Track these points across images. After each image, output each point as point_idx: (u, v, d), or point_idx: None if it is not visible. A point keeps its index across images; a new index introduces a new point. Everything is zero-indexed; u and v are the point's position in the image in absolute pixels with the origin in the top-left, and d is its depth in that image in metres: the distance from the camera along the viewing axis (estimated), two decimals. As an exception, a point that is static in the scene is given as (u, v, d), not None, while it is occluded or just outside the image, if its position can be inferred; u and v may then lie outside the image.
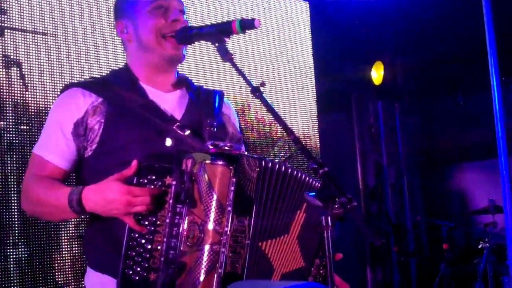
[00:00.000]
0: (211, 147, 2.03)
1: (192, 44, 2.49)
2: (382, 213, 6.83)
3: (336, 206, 1.88)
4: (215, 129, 2.30)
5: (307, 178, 2.20)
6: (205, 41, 2.39)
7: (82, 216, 2.51)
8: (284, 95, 5.68)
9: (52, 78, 4.02)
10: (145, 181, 2.01)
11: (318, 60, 6.11)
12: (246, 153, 2.14)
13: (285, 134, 2.13)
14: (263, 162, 2.05)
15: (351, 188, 6.56)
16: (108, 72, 2.69)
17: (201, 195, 1.96)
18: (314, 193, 1.91)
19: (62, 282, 3.94)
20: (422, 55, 6.77)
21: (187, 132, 2.21)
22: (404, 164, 7.12)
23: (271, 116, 2.12)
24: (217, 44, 2.24)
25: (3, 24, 3.85)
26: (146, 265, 1.99)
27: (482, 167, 6.51)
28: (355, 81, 6.87)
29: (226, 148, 2.03)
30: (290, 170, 2.14)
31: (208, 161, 1.98)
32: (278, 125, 2.17)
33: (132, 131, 2.21)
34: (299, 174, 2.17)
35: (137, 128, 2.22)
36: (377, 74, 6.74)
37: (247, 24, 2.20)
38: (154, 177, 2.01)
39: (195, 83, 2.54)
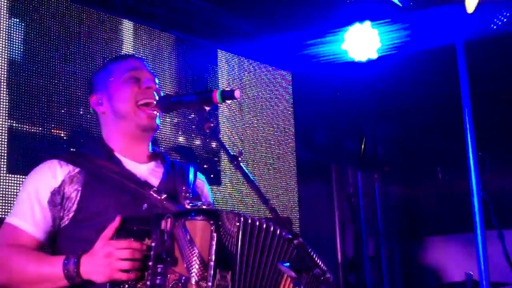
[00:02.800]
0: (188, 206, 2.07)
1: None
2: (360, 285, 6.78)
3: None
4: (191, 196, 2.33)
5: (287, 235, 2.19)
6: (186, 109, 2.44)
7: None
8: (264, 164, 5.72)
9: None
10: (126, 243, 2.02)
11: (299, 130, 6.18)
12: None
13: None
14: (243, 218, 2.05)
15: (330, 259, 6.53)
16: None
17: (183, 252, 1.96)
18: (288, 264, 1.93)
19: None
20: (402, 127, 6.86)
21: (163, 196, 2.23)
22: (383, 235, 7.11)
23: (249, 185, 2.15)
24: (197, 113, 2.29)
25: None
26: None
27: (460, 240, 6.53)
28: (335, 151, 6.92)
29: (204, 206, 2.05)
30: (270, 226, 2.14)
31: (188, 218, 1.99)
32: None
33: (109, 197, 2.24)
34: (279, 230, 2.17)
35: (113, 194, 2.24)
36: (358, 145, 6.80)
37: (227, 95, 2.25)
38: (132, 240, 2.02)
39: (169, 158, 2.60)
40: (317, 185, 6.79)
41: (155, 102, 2.40)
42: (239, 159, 2.16)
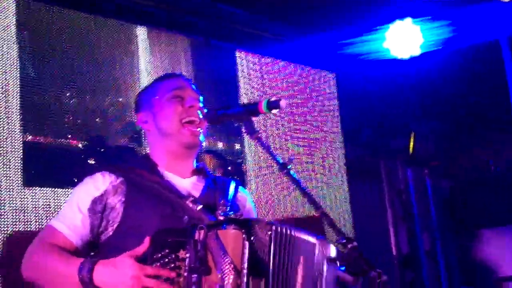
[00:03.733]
0: (221, 217, 2.13)
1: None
2: (417, 282, 6.74)
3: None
4: (228, 209, 2.36)
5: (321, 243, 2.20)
6: (234, 121, 2.48)
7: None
8: (312, 167, 5.74)
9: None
10: (159, 255, 2.04)
11: (347, 129, 6.20)
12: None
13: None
14: (275, 227, 2.05)
15: (385, 256, 6.51)
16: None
17: (216, 261, 1.98)
18: (344, 268, 1.95)
19: None
20: (450, 122, 6.81)
21: (200, 207, 2.29)
22: (437, 230, 7.06)
23: (300, 192, 2.19)
24: (245, 124, 2.33)
25: None
26: None
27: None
28: (384, 149, 6.90)
29: (236, 216, 2.13)
30: (303, 234, 2.14)
31: (220, 228, 2.01)
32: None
33: (150, 208, 2.28)
34: (311, 238, 2.17)
35: (154, 205, 2.29)
36: (407, 141, 6.77)
37: (273, 105, 2.27)
38: (168, 251, 2.03)
39: (212, 173, 2.65)
40: (368, 183, 6.78)
41: (198, 120, 2.46)
42: (288, 166, 2.18)
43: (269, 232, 2.02)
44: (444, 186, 7.20)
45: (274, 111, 2.32)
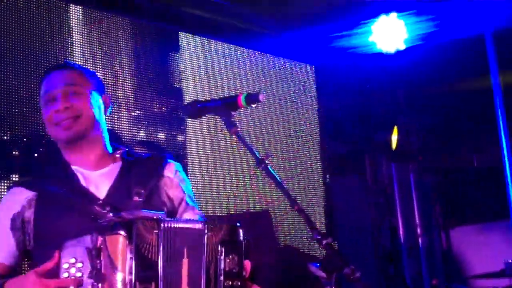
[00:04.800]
0: (116, 216, 2.07)
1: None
2: (399, 277, 6.75)
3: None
4: (144, 198, 2.34)
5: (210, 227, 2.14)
6: (213, 115, 2.47)
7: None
8: (290, 161, 5.72)
9: None
10: (67, 265, 2.02)
11: (330, 124, 6.19)
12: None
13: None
14: (162, 224, 2.02)
15: (367, 251, 6.52)
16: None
17: (106, 268, 1.97)
18: (318, 264, 1.95)
19: None
20: (434, 116, 6.82)
21: (107, 209, 2.26)
22: (420, 226, 7.08)
23: (277, 187, 2.18)
24: (223, 118, 2.32)
25: None
26: None
27: (498, 227, 6.47)
28: (367, 143, 6.91)
29: (130, 216, 2.04)
30: (190, 224, 2.13)
31: (108, 233, 1.99)
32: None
33: (60, 218, 2.29)
34: (204, 228, 2.11)
35: (64, 214, 2.29)
36: (391, 136, 6.77)
37: (252, 99, 2.27)
38: (75, 260, 2.02)
39: (136, 153, 2.63)
40: (351, 178, 6.79)
41: (67, 119, 2.40)
42: (266, 161, 2.17)
43: (156, 231, 2.00)
44: (428, 181, 7.22)
45: (252, 105, 2.32)
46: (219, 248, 2.08)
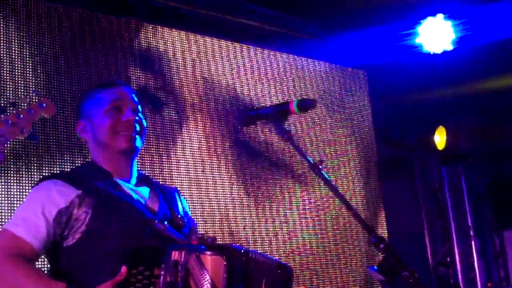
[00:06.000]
0: (194, 239, 2.28)
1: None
2: (452, 281, 6.67)
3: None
4: (185, 222, 2.51)
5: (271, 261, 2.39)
6: (265, 122, 2.50)
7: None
8: (345, 166, 5.72)
9: None
10: (135, 271, 2.10)
11: (379, 127, 6.17)
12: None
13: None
14: (250, 253, 2.26)
15: (419, 256, 6.46)
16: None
17: (197, 283, 2.11)
18: (376, 267, 1.95)
19: None
20: (483, 117, 6.73)
21: (166, 225, 2.36)
22: (473, 229, 6.99)
23: (331, 191, 2.20)
24: (276, 125, 2.34)
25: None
26: None
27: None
28: (417, 146, 6.85)
29: (210, 241, 2.25)
30: (263, 257, 2.35)
31: (201, 253, 2.16)
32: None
33: (116, 222, 2.33)
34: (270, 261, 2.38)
35: (120, 219, 2.34)
36: (440, 139, 6.70)
37: (304, 105, 2.30)
38: (143, 268, 2.10)
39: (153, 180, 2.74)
40: (401, 181, 6.74)
41: (134, 133, 2.52)
42: (320, 167, 2.19)
43: (243, 258, 2.22)
44: (479, 183, 7.12)
45: (305, 111, 2.34)
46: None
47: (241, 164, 4.94)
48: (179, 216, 2.51)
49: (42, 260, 2.55)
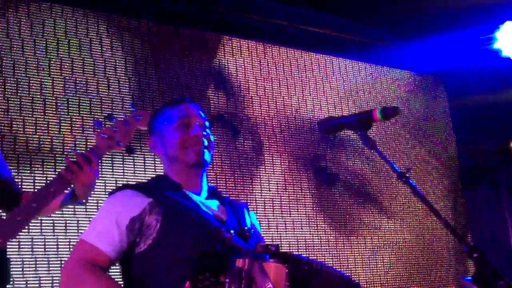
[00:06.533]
0: (259, 247, 2.21)
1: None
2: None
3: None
4: (252, 234, 2.53)
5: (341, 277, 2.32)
6: (348, 131, 2.47)
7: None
8: (428, 174, 5.64)
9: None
10: (202, 277, 2.15)
11: (459, 134, 6.06)
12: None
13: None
14: (313, 264, 2.20)
15: (507, 265, 6.27)
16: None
17: None
18: (470, 278, 1.89)
19: None
20: None
21: (232, 234, 2.36)
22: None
23: (419, 200, 2.15)
24: (359, 133, 2.31)
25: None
26: None
27: None
28: (499, 153, 6.66)
29: (273, 249, 2.20)
30: (328, 268, 2.27)
31: (264, 261, 2.13)
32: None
33: (185, 230, 2.38)
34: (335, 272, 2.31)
35: (189, 227, 2.39)
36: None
37: (388, 113, 2.26)
38: (209, 275, 2.14)
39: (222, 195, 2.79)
40: (484, 189, 6.57)
41: (202, 147, 2.59)
42: (407, 175, 2.15)
43: (306, 267, 2.18)
44: None
45: (388, 118, 2.30)
46: None
47: (322, 190, 4.95)
48: (246, 228, 2.55)
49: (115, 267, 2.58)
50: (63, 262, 3.25)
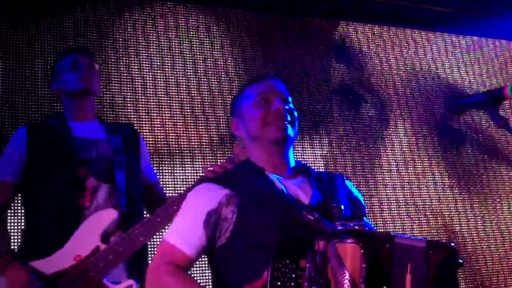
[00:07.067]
0: (340, 227, 2.09)
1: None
2: None
3: None
4: (342, 210, 2.37)
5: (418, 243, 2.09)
6: (477, 109, 2.40)
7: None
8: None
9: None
10: (280, 265, 2.04)
11: None
12: (374, 229, 2.13)
13: None
14: (394, 238, 2.03)
15: None
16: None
17: (334, 274, 1.97)
18: None
19: None
20: None
21: (316, 216, 2.25)
22: None
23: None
24: (489, 112, 2.24)
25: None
26: None
27: None
28: None
29: (356, 227, 2.06)
30: (417, 243, 2.05)
31: (337, 240, 1.99)
32: None
33: (265, 217, 2.31)
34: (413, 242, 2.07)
35: (268, 214, 2.31)
36: None
37: (520, 90, 2.18)
38: (288, 261, 2.04)
39: (315, 170, 2.64)
40: None
41: (285, 122, 2.48)
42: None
43: (387, 245, 2.01)
44: None
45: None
46: (437, 269, 2.03)
47: (452, 157, 4.82)
48: (334, 205, 2.41)
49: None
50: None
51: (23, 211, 3.22)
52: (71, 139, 3.11)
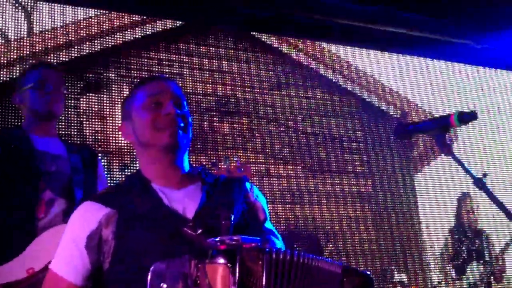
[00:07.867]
0: (218, 243, 1.89)
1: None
2: None
3: None
4: (232, 221, 2.14)
5: (329, 266, 1.97)
6: (424, 135, 2.46)
7: None
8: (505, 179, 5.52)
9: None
10: None
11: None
12: (254, 244, 1.91)
13: None
14: (267, 254, 1.86)
15: None
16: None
17: None
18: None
19: None
20: None
21: (199, 232, 2.11)
22: None
23: (494, 205, 2.13)
24: (436, 138, 2.30)
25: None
26: None
27: None
28: None
29: (233, 242, 1.88)
30: (303, 259, 1.92)
31: (208, 261, 1.84)
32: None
33: (144, 237, 2.13)
34: (316, 263, 1.94)
35: (148, 233, 2.13)
36: None
37: (465, 118, 2.24)
38: (166, 285, 1.87)
39: (213, 175, 2.45)
40: None
41: (176, 127, 2.26)
42: (484, 180, 2.14)
43: (260, 262, 1.84)
44: None
45: (465, 123, 2.28)
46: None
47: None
48: (223, 214, 2.13)
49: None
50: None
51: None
52: (32, 150, 3.07)
